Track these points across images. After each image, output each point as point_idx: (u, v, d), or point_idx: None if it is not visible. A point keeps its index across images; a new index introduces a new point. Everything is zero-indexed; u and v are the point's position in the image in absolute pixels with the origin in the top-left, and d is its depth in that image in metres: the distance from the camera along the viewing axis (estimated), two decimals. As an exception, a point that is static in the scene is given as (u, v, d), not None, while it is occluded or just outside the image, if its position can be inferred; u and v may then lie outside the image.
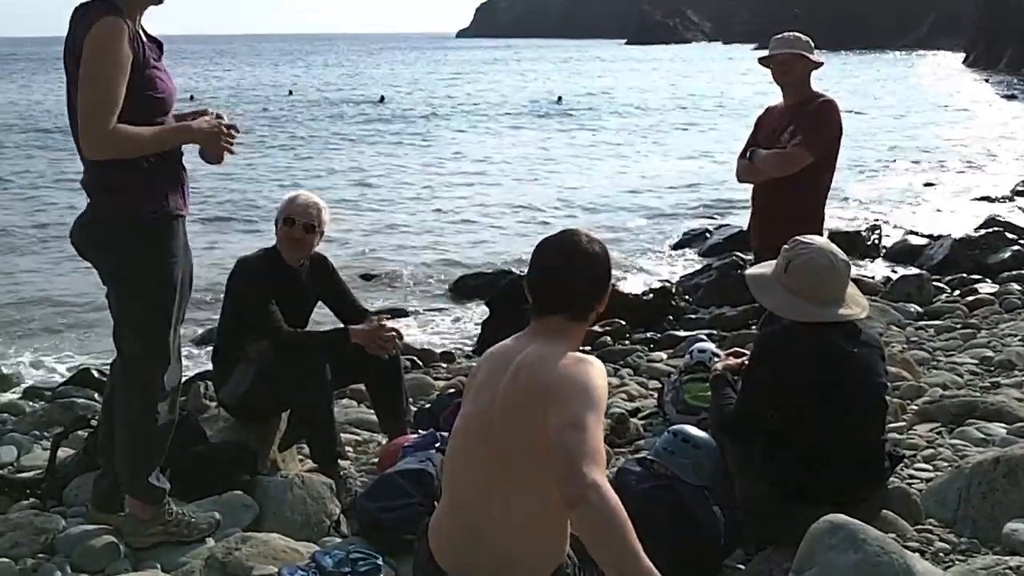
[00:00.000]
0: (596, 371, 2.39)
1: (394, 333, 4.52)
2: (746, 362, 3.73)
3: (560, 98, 39.35)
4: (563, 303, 2.55)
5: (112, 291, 3.43)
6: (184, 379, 3.76)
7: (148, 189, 3.31)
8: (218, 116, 3.48)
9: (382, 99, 42.04)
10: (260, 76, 67.69)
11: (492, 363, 2.58)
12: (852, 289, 3.54)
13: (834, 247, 3.55)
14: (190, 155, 3.49)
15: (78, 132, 3.19)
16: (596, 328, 8.19)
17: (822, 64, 5.00)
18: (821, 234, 4.70)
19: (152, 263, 3.33)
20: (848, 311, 3.43)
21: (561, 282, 2.55)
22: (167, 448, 3.55)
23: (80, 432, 4.70)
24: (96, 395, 6.43)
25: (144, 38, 3.30)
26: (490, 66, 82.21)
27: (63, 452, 4.39)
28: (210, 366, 5.17)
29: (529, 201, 17.61)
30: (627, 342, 8.10)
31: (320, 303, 4.75)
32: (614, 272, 2.77)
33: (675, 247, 13.10)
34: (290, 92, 46.91)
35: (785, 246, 3.59)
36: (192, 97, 36.18)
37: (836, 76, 49.73)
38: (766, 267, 3.67)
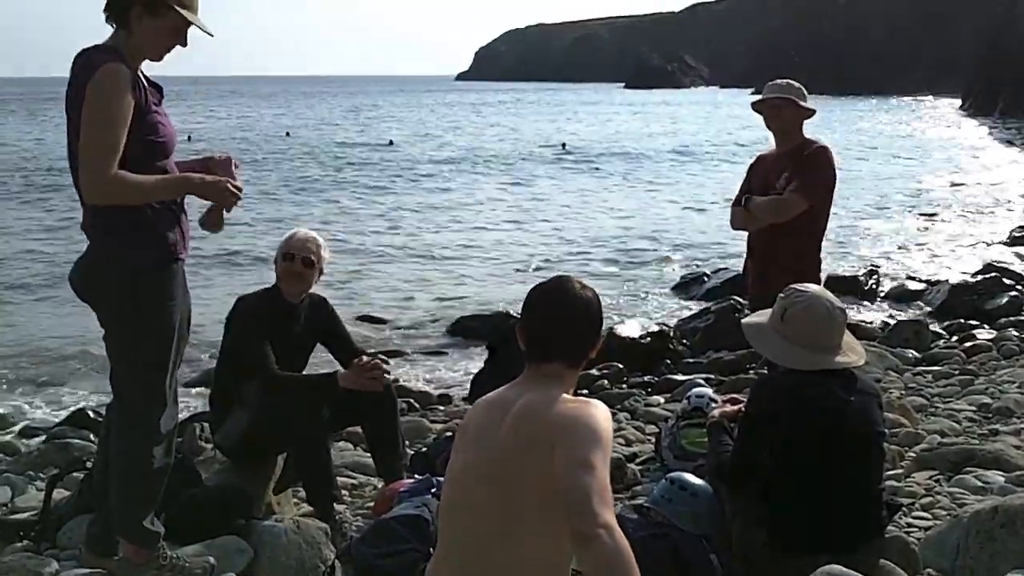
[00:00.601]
0: (601, 412, 2.41)
1: (377, 362, 4.50)
2: (742, 409, 3.73)
3: (564, 144, 39.60)
4: (559, 350, 2.56)
5: (110, 334, 3.44)
6: (180, 421, 3.76)
7: (148, 233, 3.33)
8: (214, 160, 3.51)
9: (391, 143, 42.28)
10: (262, 116, 68.14)
11: (489, 411, 2.59)
12: (848, 337, 3.55)
13: (830, 295, 3.57)
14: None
15: (79, 177, 3.22)
16: (593, 371, 8.19)
17: (814, 112, 5.05)
18: (818, 280, 4.72)
19: (151, 306, 3.35)
20: (845, 359, 3.44)
21: (557, 329, 2.57)
22: (162, 491, 3.54)
23: (76, 474, 4.68)
24: (92, 436, 6.41)
25: (145, 83, 3.34)
26: (492, 109, 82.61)
27: (58, 494, 4.37)
28: (205, 408, 5.16)
29: (529, 243, 17.69)
30: (624, 386, 8.09)
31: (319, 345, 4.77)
32: (612, 315, 2.80)
33: (673, 290, 13.13)
34: (287, 134, 46.86)
35: (781, 294, 3.60)
36: (189, 138, 36.28)
37: (829, 121, 50.11)
38: (762, 316, 3.68)
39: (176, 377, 3.52)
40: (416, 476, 4.39)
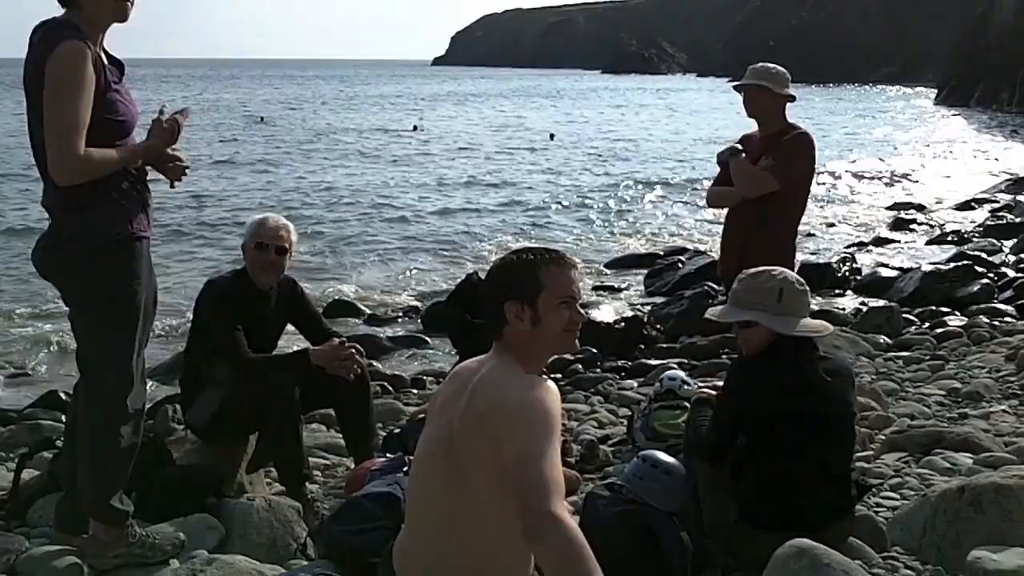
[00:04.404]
0: (549, 396, 2.39)
1: (354, 351, 4.49)
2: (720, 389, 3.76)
3: (552, 136, 39.47)
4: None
5: (75, 312, 3.41)
6: (152, 402, 3.73)
7: (111, 210, 3.29)
8: (161, 112, 3.47)
9: (415, 128, 42.25)
10: (258, 94, 67.22)
11: (453, 384, 2.59)
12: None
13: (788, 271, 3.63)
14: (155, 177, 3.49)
15: (46, 158, 3.17)
16: (568, 356, 8.21)
17: (793, 98, 5.06)
18: (792, 267, 4.75)
19: (115, 284, 3.31)
20: (811, 325, 3.47)
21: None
22: (130, 471, 3.51)
23: (45, 453, 4.64)
24: (63, 417, 6.35)
25: (105, 60, 3.29)
26: (475, 98, 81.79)
27: (28, 473, 4.34)
28: (175, 389, 5.13)
29: (515, 230, 17.74)
30: (598, 370, 8.11)
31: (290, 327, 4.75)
32: (587, 300, 2.80)
33: (648, 277, 13.15)
34: (261, 119, 46.28)
35: (739, 277, 3.64)
36: (162, 111, 35.73)
37: (807, 109, 50.25)
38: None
39: (143, 356, 3.48)
40: (388, 455, 4.38)
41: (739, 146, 5.08)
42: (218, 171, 24.93)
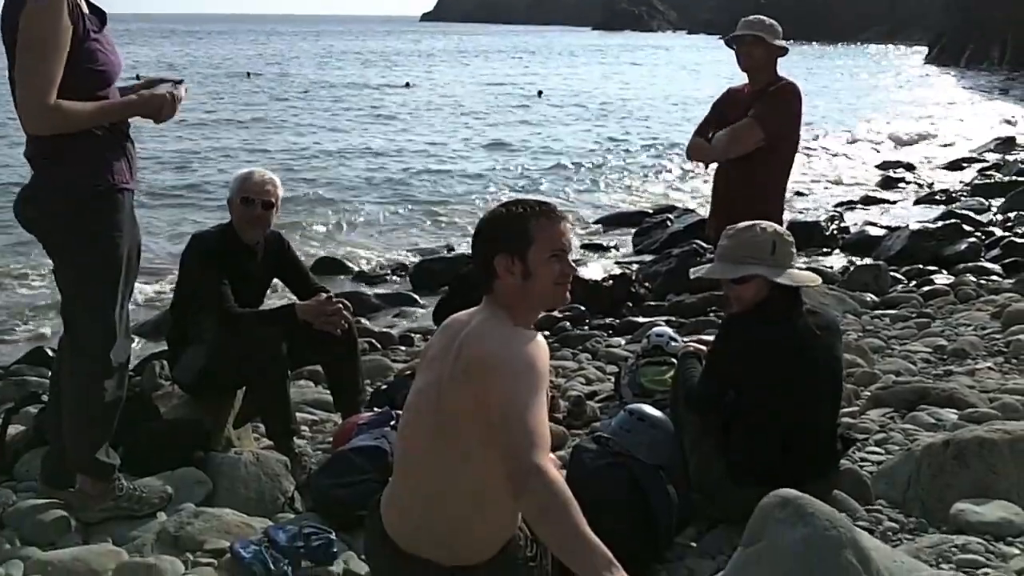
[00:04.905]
0: (536, 350, 2.38)
1: (341, 306, 4.47)
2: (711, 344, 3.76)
3: (540, 92, 39.16)
4: (479, 275, 2.58)
5: (58, 265, 3.38)
6: (141, 359, 3.72)
7: (92, 161, 3.25)
8: (161, 83, 3.42)
9: (407, 85, 41.79)
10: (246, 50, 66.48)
11: (444, 336, 2.59)
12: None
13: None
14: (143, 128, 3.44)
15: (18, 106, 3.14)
16: (556, 313, 8.21)
17: (786, 51, 5.01)
18: (781, 223, 4.73)
19: (97, 236, 3.28)
20: (799, 276, 3.47)
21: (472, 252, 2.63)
22: (115, 425, 3.51)
23: (31, 408, 4.63)
24: (49, 373, 6.34)
25: (84, 8, 3.23)
26: (465, 55, 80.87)
27: (14, 428, 4.33)
28: (165, 347, 5.12)
29: (500, 185, 17.65)
30: (586, 327, 8.12)
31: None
32: (576, 258, 2.79)
33: (636, 235, 13.14)
34: (248, 75, 45.75)
35: (726, 233, 3.63)
36: (138, 76, 35.42)
37: (800, 68, 49.99)
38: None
39: (128, 309, 3.47)
40: (376, 410, 4.39)
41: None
42: (206, 129, 24.69)
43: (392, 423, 3.97)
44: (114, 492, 3.52)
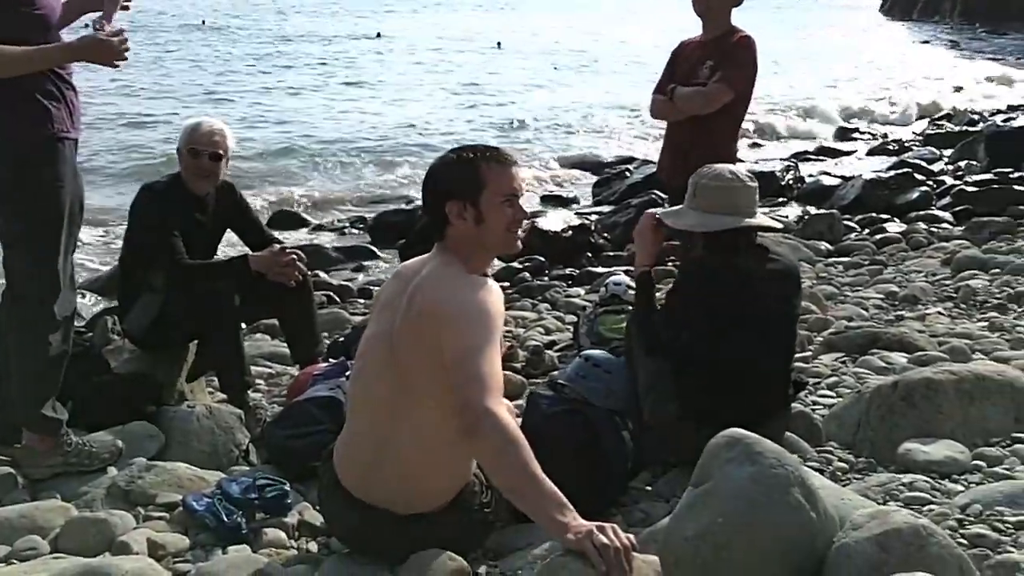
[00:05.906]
0: (489, 295, 2.37)
1: (294, 257, 4.41)
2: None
3: (500, 43, 38.71)
4: (430, 222, 2.56)
5: None
6: (92, 315, 3.65)
7: (33, 109, 3.15)
8: (98, 27, 3.28)
9: (378, 35, 40.96)
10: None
11: (396, 283, 2.57)
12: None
13: (738, 167, 3.62)
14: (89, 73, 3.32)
15: None
16: (515, 264, 8.21)
17: (740, 0, 4.99)
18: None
19: (37, 187, 3.19)
20: (761, 221, 3.48)
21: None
22: (61, 379, 3.45)
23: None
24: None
25: None
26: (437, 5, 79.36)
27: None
28: (110, 299, 5.04)
29: (462, 130, 17.49)
30: (546, 278, 8.15)
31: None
32: (534, 209, 2.78)
33: (595, 186, 13.13)
34: (203, 22, 44.52)
35: (693, 180, 3.62)
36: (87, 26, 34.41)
37: (747, 19, 49.89)
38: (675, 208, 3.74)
39: (71, 261, 3.39)
40: (331, 361, 4.36)
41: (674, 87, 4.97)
42: (155, 77, 24.07)
43: (347, 373, 3.93)
44: (62, 448, 3.47)
